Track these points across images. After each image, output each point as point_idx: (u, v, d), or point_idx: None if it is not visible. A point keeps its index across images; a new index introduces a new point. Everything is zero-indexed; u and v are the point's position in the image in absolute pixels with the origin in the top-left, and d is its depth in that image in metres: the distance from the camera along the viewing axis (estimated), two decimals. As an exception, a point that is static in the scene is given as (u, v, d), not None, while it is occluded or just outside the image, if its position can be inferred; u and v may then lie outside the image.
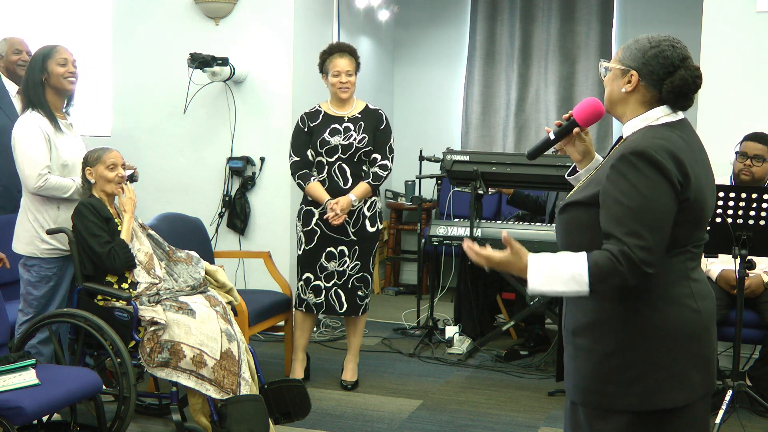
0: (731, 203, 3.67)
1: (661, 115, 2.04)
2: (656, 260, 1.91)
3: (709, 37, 4.63)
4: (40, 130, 3.57)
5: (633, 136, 2.03)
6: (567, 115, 2.24)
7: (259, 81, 5.28)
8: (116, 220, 3.63)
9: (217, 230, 5.37)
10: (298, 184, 4.26)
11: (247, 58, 5.26)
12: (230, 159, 5.32)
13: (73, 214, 3.56)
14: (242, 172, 5.31)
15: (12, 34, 4.86)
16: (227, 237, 5.39)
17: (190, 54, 4.95)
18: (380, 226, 4.36)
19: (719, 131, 4.60)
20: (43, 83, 3.65)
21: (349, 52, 4.24)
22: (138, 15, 5.48)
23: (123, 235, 3.57)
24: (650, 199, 1.91)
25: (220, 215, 5.38)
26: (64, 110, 3.77)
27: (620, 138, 2.13)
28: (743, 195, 3.66)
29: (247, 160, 5.30)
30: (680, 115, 2.07)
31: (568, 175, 2.36)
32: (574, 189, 2.17)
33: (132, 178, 3.92)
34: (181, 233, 4.31)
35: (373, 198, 4.30)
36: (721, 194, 3.67)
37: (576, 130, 2.22)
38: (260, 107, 5.29)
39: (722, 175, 4.33)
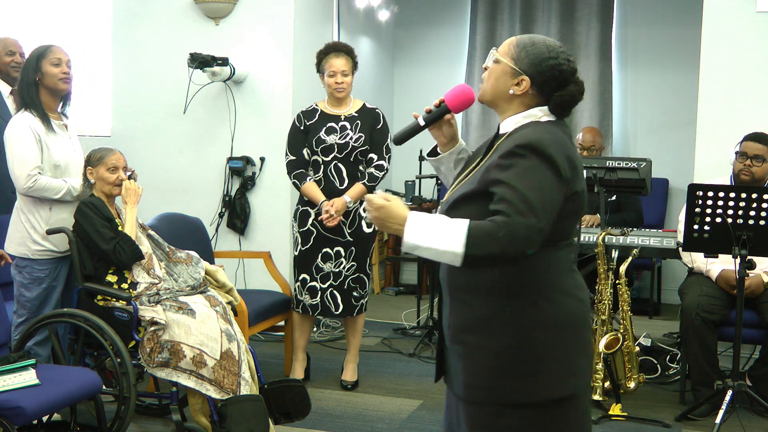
0: (731, 203, 3.66)
1: (543, 114, 2.06)
2: (537, 243, 1.89)
3: (709, 37, 4.63)
4: (30, 131, 3.54)
5: (521, 131, 2.01)
6: (438, 101, 2.20)
7: (259, 81, 5.28)
8: (117, 220, 3.63)
9: (217, 230, 5.37)
10: (294, 184, 4.25)
11: (247, 58, 5.26)
12: (230, 159, 5.32)
13: (75, 213, 3.56)
14: (242, 172, 5.31)
15: (7, 35, 4.86)
16: (227, 237, 5.39)
17: (190, 54, 4.95)
18: (377, 227, 4.34)
19: (719, 131, 4.60)
20: (36, 83, 3.63)
21: (346, 51, 4.22)
22: (138, 15, 5.48)
23: (126, 229, 3.58)
24: (539, 186, 1.91)
25: (220, 215, 5.38)
26: (60, 111, 3.75)
27: (497, 132, 2.12)
28: (743, 195, 3.65)
29: (247, 160, 5.30)
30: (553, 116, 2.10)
31: (428, 155, 2.33)
32: (457, 185, 2.12)
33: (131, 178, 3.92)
34: (181, 233, 4.31)
35: None
36: (721, 194, 3.67)
37: (447, 116, 2.22)
38: (260, 107, 5.29)
39: (722, 175, 4.34)
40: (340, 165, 4.19)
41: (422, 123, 2.21)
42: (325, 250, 4.22)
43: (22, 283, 3.64)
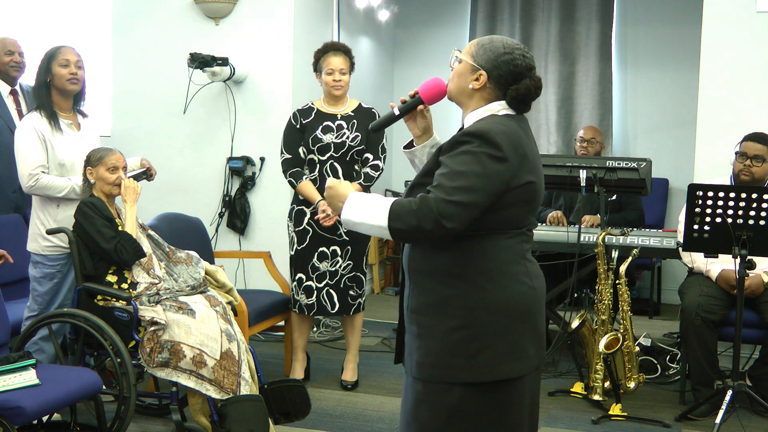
0: (731, 203, 3.66)
1: (501, 108, 2.18)
2: (457, 217, 1.99)
3: (709, 37, 4.63)
4: (34, 131, 3.63)
5: (476, 123, 2.13)
6: (412, 92, 2.32)
7: (259, 81, 5.28)
8: (117, 220, 3.63)
9: (217, 230, 5.37)
10: (290, 182, 4.24)
11: (247, 58, 5.27)
12: (230, 159, 5.32)
13: (75, 213, 3.57)
14: (242, 172, 5.31)
15: (6, 35, 4.86)
16: (227, 237, 5.39)
17: (190, 54, 4.95)
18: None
19: (719, 131, 4.60)
20: (47, 84, 3.71)
21: (344, 51, 4.23)
22: (138, 15, 5.49)
23: (127, 228, 3.58)
24: (469, 167, 2.02)
25: (220, 215, 5.38)
26: (75, 109, 3.82)
27: (462, 129, 2.20)
28: (743, 195, 3.65)
29: (247, 160, 5.30)
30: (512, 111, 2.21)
31: (404, 148, 2.43)
32: (420, 171, 2.24)
33: (147, 177, 3.95)
34: (181, 233, 4.31)
35: None
36: (721, 194, 3.67)
37: (420, 107, 2.32)
38: (260, 107, 5.29)
39: (722, 175, 4.33)
40: (336, 164, 4.18)
41: (397, 113, 2.33)
42: (321, 249, 4.22)
43: (35, 278, 3.73)
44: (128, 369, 3.35)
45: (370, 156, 4.23)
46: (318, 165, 4.20)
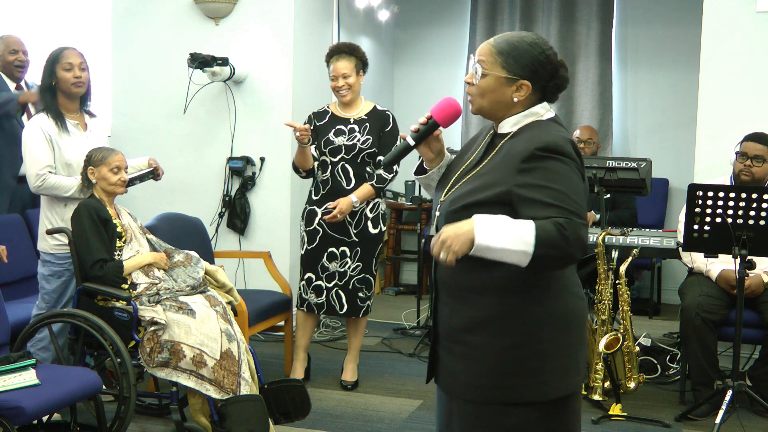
0: (731, 203, 3.66)
1: (543, 111, 2.09)
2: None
3: (709, 37, 4.63)
4: (41, 132, 3.66)
5: (531, 133, 2.02)
6: (425, 118, 2.14)
7: (259, 81, 5.28)
8: (115, 221, 3.63)
9: (217, 230, 5.37)
10: (294, 169, 4.23)
11: (247, 58, 5.26)
12: (230, 159, 5.32)
13: (72, 215, 3.57)
14: (242, 172, 5.31)
15: (9, 33, 4.86)
16: (227, 237, 5.39)
17: (190, 54, 4.95)
18: (383, 228, 4.34)
19: (719, 131, 4.60)
20: (53, 87, 3.73)
21: (348, 52, 4.16)
22: (138, 15, 5.48)
23: (128, 262, 3.55)
24: (574, 185, 1.95)
25: (220, 215, 5.38)
26: (82, 109, 3.85)
27: (495, 132, 2.12)
28: (743, 195, 3.65)
29: (247, 160, 5.30)
30: (552, 110, 2.12)
31: (415, 174, 2.26)
32: (461, 189, 2.07)
33: (155, 177, 3.97)
34: (181, 233, 4.31)
35: (377, 200, 4.28)
36: (721, 194, 3.67)
37: (436, 132, 2.18)
38: (260, 107, 5.29)
39: (722, 175, 4.34)
40: (347, 166, 4.19)
41: (412, 143, 2.15)
42: (330, 249, 4.23)
43: (44, 276, 3.75)
44: (128, 369, 3.35)
45: (383, 158, 4.21)
46: (330, 166, 4.20)
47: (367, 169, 4.24)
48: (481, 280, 2.01)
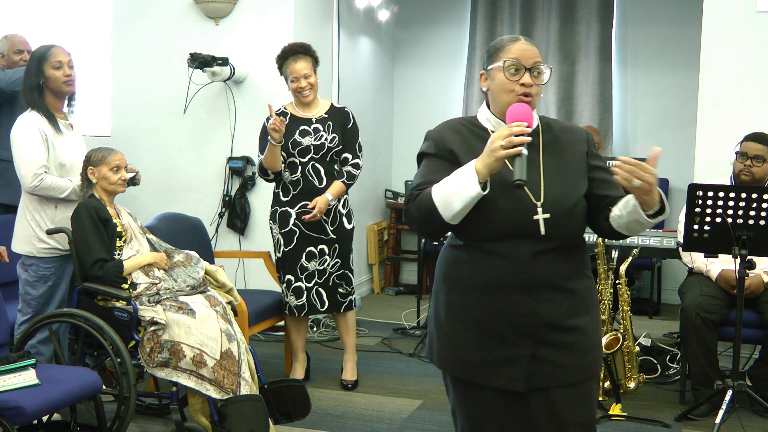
0: (731, 203, 3.66)
1: None
2: None
3: (709, 37, 4.63)
4: (37, 131, 3.58)
5: (568, 125, 2.32)
6: (522, 126, 2.03)
7: (259, 81, 5.28)
8: (115, 220, 3.62)
9: (217, 230, 5.37)
10: (261, 173, 4.21)
11: (247, 58, 5.26)
12: (230, 159, 5.32)
13: (72, 215, 3.56)
14: (242, 172, 5.31)
15: (13, 32, 4.86)
16: (227, 237, 5.39)
17: (190, 54, 4.95)
18: (354, 224, 4.37)
19: (719, 131, 4.60)
20: (40, 86, 3.65)
21: (304, 52, 4.18)
22: (138, 15, 5.49)
23: (130, 261, 3.55)
24: None
25: (220, 215, 5.38)
26: (65, 110, 3.78)
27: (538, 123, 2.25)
28: (743, 195, 3.65)
29: (247, 160, 5.30)
30: None
31: (483, 190, 2.06)
32: (557, 188, 2.14)
33: (133, 182, 3.91)
34: (181, 233, 4.31)
35: (345, 196, 4.31)
36: (721, 194, 3.67)
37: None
38: (260, 107, 5.27)
39: (722, 175, 4.33)
40: (317, 165, 4.19)
41: (525, 152, 2.02)
42: (309, 249, 4.23)
43: (28, 281, 3.66)
44: (128, 369, 3.35)
45: (348, 156, 4.25)
46: (300, 167, 4.19)
47: (335, 166, 4.25)
48: (578, 266, 2.20)
